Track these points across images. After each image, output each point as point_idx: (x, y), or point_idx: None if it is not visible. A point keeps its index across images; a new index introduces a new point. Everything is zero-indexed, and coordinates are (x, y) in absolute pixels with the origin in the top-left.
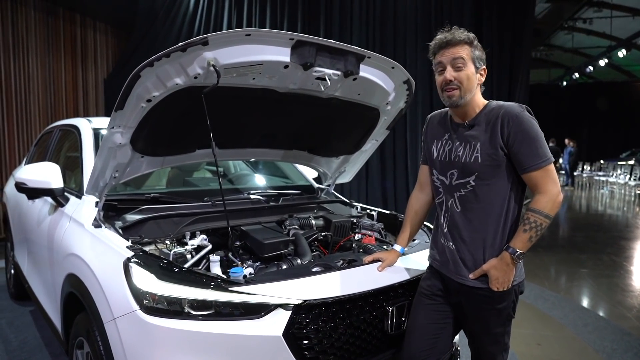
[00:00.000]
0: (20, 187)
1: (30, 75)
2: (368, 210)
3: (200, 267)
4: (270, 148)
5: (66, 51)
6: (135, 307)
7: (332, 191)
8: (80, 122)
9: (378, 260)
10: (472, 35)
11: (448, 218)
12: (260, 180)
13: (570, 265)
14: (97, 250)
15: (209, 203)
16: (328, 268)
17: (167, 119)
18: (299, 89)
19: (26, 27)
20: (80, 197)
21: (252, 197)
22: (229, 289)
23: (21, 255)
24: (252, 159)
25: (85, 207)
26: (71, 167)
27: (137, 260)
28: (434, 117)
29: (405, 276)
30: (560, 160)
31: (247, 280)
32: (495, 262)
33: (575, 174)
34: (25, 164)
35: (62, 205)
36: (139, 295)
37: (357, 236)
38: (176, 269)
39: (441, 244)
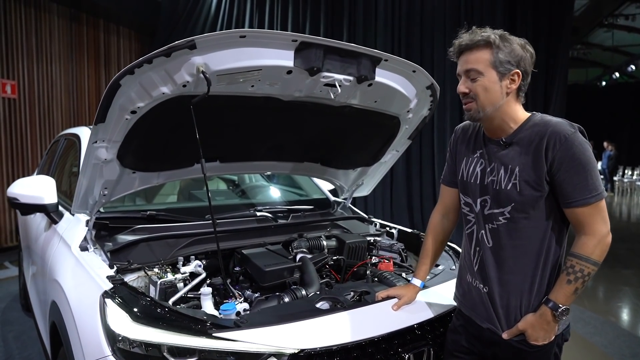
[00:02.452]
0: (13, 202)
1: (53, 81)
2: (387, 228)
3: (198, 293)
4: (279, 161)
5: (89, 56)
6: (108, 352)
7: (349, 205)
8: (82, 131)
9: (393, 297)
10: (492, 35)
11: (479, 254)
12: (273, 192)
13: (612, 282)
14: (77, 279)
15: (210, 222)
16: (335, 302)
17: (157, 132)
18: (305, 96)
19: (49, 33)
20: (73, 214)
21: (259, 214)
22: (214, 334)
23: (25, 268)
24: (259, 173)
25: (75, 226)
26: (73, 179)
27: (114, 295)
28: (464, 129)
29: (426, 315)
30: (599, 165)
31: (237, 323)
32: (533, 319)
33: (615, 179)
34: (36, 174)
35: (56, 222)
36: (112, 337)
37: (374, 259)
38: (158, 308)
39: (468, 282)
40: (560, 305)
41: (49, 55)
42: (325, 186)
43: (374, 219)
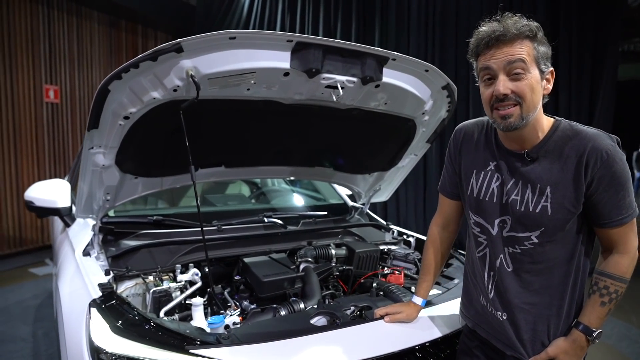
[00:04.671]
0: (29, 205)
1: (94, 86)
2: (405, 236)
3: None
4: (287, 166)
5: (128, 61)
6: None
7: (367, 211)
8: None
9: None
10: (534, 24)
11: (495, 279)
12: (290, 197)
13: None
14: (73, 285)
15: (214, 228)
16: (332, 317)
17: (154, 138)
18: (307, 99)
19: (90, 40)
20: (84, 219)
21: (267, 220)
22: (190, 351)
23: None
24: (268, 178)
25: (83, 231)
26: None
27: (100, 304)
28: (468, 133)
29: (429, 335)
30: None
31: (219, 339)
32: (566, 345)
33: None
34: (67, 176)
35: (69, 226)
36: (93, 349)
37: (386, 270)
38: (139, 320)
39: (482, 305)
40: (594, 329)
41: (90, 61)
42: (345, 191)
43: (392, 226)
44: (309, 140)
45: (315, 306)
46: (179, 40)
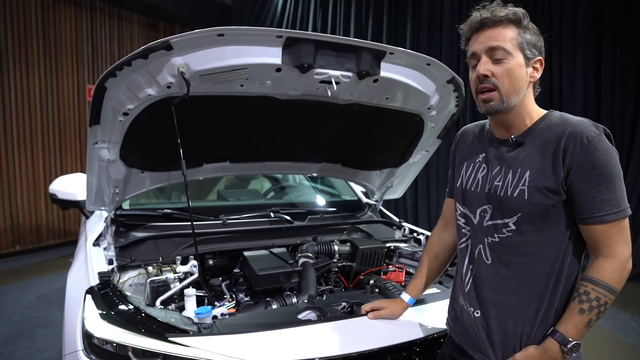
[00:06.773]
0: (52, 198)
1: None
2: (415, 234)
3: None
4: (293, 161)
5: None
6: (80, 346)
7: (381, 207)
8: None
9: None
10: (520, 11)
11: (473, 272)
12: (305, 193)
13: None
14: (78, 273)
15: (220, 222)
16: (321, 312)
17: (155, 133)
18: (303, 95)
19: (130, 41)
20: (100, 211)
21: (273, 215)
22: (169, 339)
23: None
24: (275, 174)
25: (98, 222)
26: None
27: (95, 292)
28: (467, 133)
29: (414, 334)
30: None
31: (200, 328)
32: (536, 353)
33: None
34: None
35: (87, 218)
36: (85, 333)
37: (391, 268)
38: (126, 308)
39: (460, 305)
40: (569, 340)
41: None
42: (360, 188)
43: (404, 224)
44: (312, 136)
45: (306, 301)
46: (168, 37)
